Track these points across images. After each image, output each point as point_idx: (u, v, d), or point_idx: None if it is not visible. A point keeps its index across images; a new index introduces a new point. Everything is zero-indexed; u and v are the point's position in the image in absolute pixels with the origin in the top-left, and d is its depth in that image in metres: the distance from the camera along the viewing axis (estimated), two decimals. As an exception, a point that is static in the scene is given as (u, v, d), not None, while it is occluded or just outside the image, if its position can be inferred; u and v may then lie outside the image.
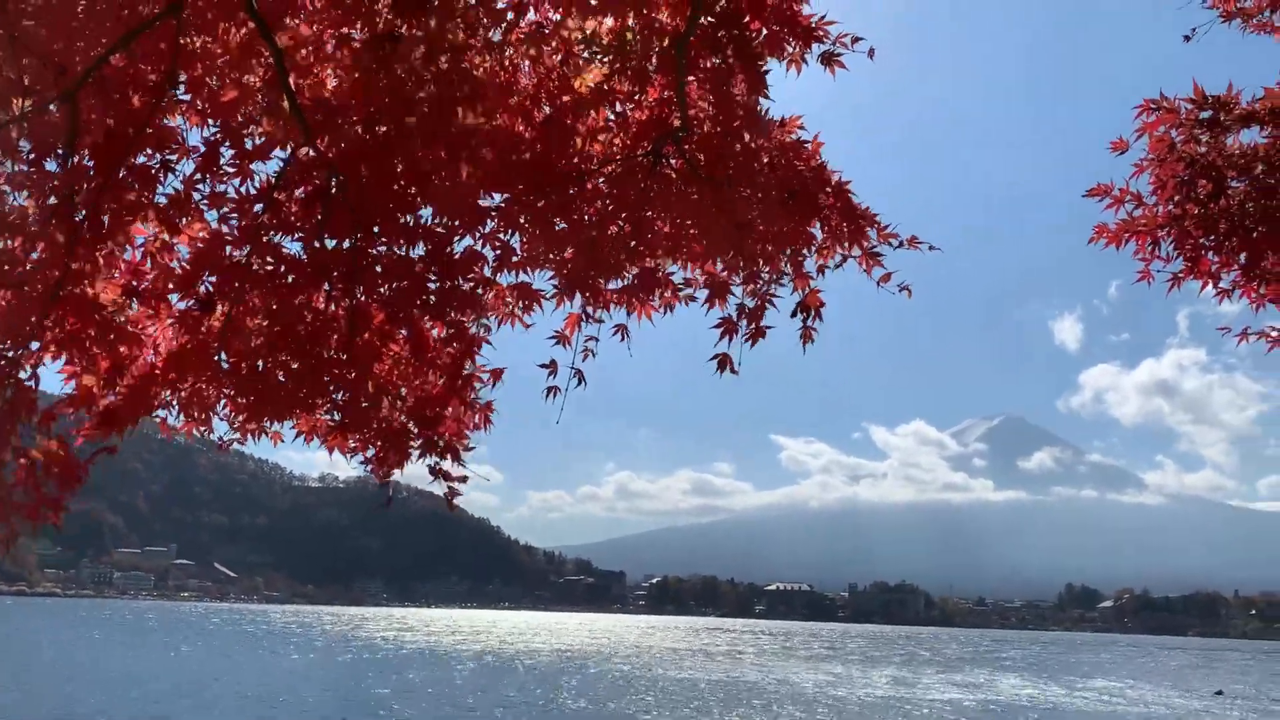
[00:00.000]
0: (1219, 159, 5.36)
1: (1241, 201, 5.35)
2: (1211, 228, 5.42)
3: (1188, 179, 5.39)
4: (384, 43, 3.84)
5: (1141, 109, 5.44)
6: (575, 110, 4.26)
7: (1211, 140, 5.38)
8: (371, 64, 3.85)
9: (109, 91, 3.72)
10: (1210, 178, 5.36)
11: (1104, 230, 5.64)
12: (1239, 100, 5.36)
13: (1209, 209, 5.39)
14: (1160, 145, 5.43)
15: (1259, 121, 5.32)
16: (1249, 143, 5.34)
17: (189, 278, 3.78)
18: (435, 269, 3.90)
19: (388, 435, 4.02)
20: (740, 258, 4.29)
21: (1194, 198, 5.41)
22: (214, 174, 3.80)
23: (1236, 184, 5.37)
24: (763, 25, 4.45)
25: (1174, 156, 5.41)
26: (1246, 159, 5.32)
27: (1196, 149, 5.36)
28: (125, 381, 3.79)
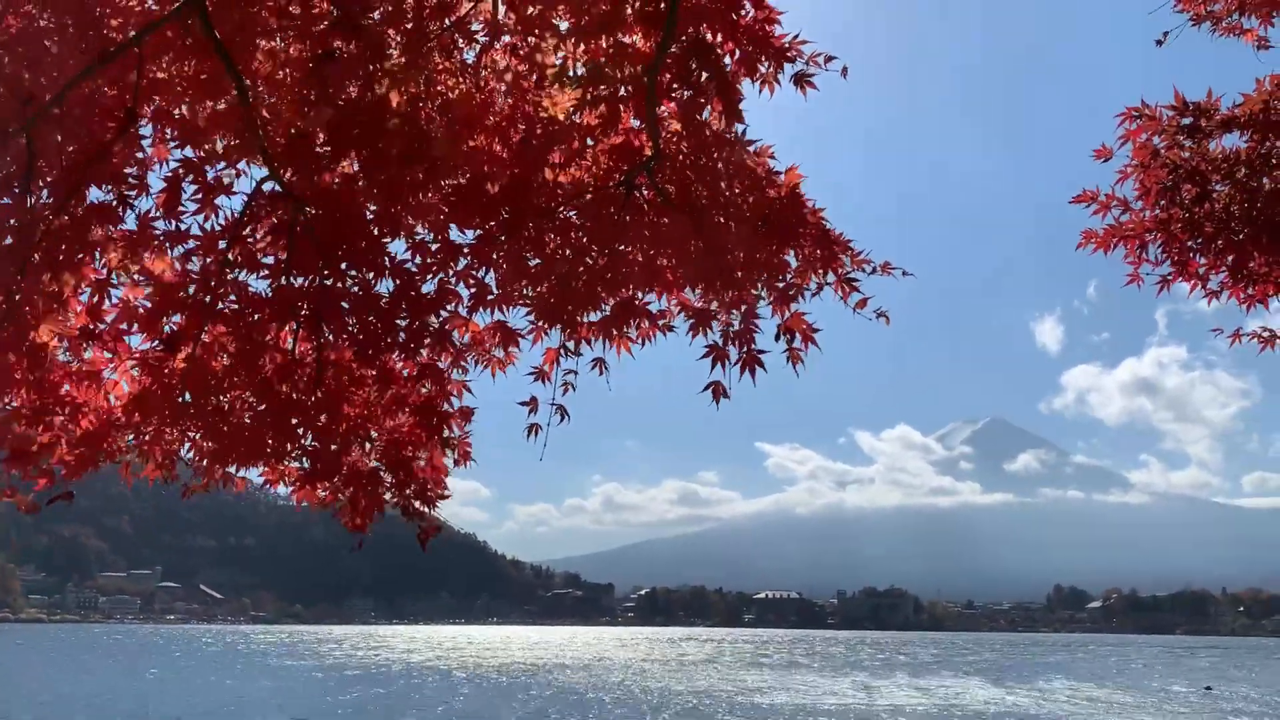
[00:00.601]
0: (1202, 163, 5.39)
1: (1226, 204, 5.38)
2: (1198, 231, 5.44)
3: (1172, 184, 5.41)
4: (321, 62, 3.74)
5: (1124, 117, 5.46)
6: (548, 141, 4.19)
7: (1194, 145, 5.40)
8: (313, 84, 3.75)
9: (69, 123, 3.63)
10: (1194, 182, 5.39)
11: (1091, 235, 5.66)
12: (1219, 106, 5.38)
13: (1194, 213, 5.42)
14: (1143, 152, 5.46)
15: (1239, 126, 5.34)
16: (1231, 147, 5.37)
17: (152, 317, 3.69)
18: (405, 306, 3.82)
19: (358, 481, 3.91)
20: (715, 286, 4.24)
21: (1179, 202, 5.43)
22: (175, 211, 3.71)
23: (1220, 188, 5.39)
24: (736, 47, 4.41)
25: (1157, 163, 5.44)
26: (1229, 163, 5.35)
27: (1180, 155, 5.39)
28: (80, 427, 3.68)
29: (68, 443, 3.69)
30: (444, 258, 4.12)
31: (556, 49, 4.30)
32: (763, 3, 4.44)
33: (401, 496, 3.96)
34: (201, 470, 3.93)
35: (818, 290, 4.41)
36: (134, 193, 3.76)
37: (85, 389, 3.72)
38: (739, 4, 4.44)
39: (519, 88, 4.48)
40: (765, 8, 4.45)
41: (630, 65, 4.24)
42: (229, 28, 3.64)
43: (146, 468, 3.92)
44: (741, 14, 4.45)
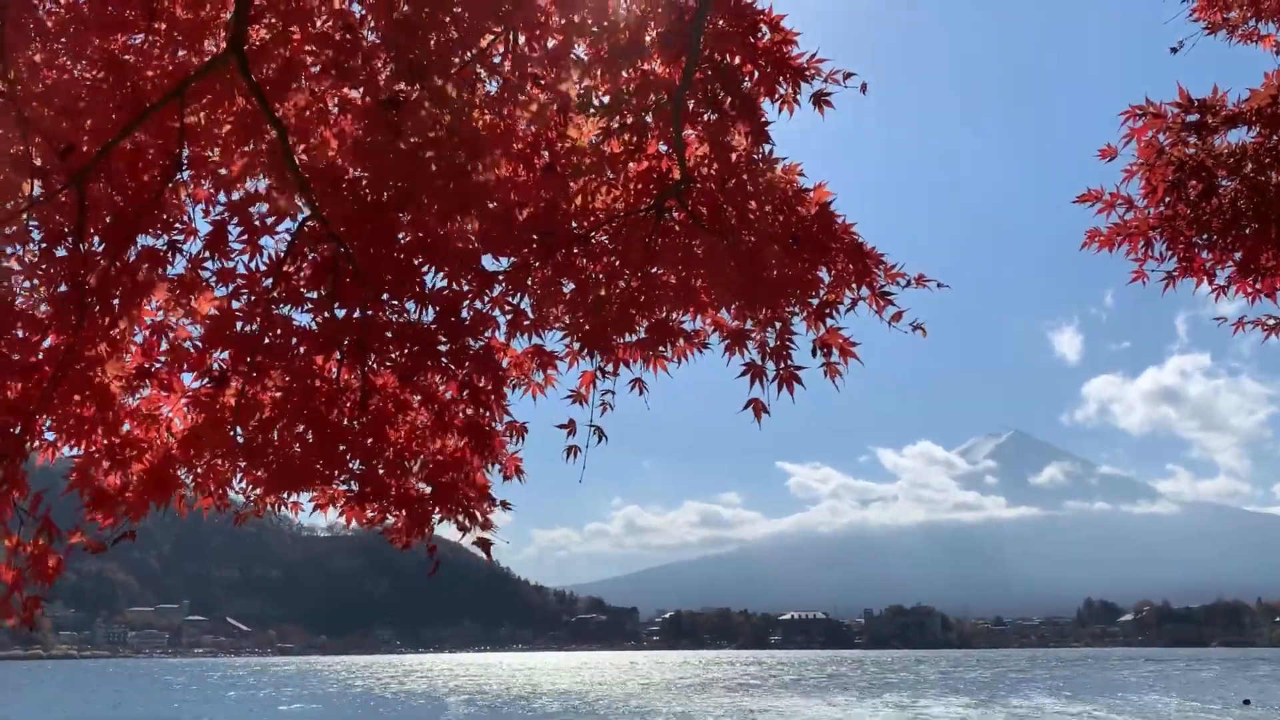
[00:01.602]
0: (1208, 159, 5.39)
1: (1233, 199, 5.37)
2: (1204, 227, 5.44)
3: (1178, 181, 5.42)
4: (389, 107, 3.88)
5: (1128, 114, 5.47)
6: (574, 168, 4.29)
7: (1199, 142, 5.41)
8: (379, 129, 3.89)
9: (116, 174, 3.77)
10: (1200, 178, 5.38)
11: (1096, 235, 5.66)
12: (1225, 102, 5.39)
13: (1201, 209, 5.41)
14: (1149, 150, 5.46)
15: (1245, 122, 5.35)
16: (1237, 142, 5.38)
17: (202, 356, 3.81)
18: (444, 332, 3.92)
19: (406, 503, 4.01)
20: (749, 305, 4.30)
21: (1185, 199, 5.43)
22: (222, 251, 3.83)
23: (1227, 183, 5.39)
24: (755, 69, 4.50)
25: (1163, 160, 5.44)
26: (1236, 158, 5.35)
27: (1185, 151, 5.39)
28: (139, 466, 3.80)
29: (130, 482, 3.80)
30: (479, 285, 4.21)
31: (580, 79, 4.40)
32: (779, 25, 4.54)
33: (450, 513, 4.04)
34: (254, 498, 4.03)
35: (852, 305, 4.45)
36: (182, 237, 3.89)
37: (146, 428, 3.84)
38: (756, 27, 4.54)
39: (543, 115, 4.59)
40: (782, 30, 4.54)
41: (653, 92, 4.34)
42: (265, 72, 3.77)
43: (200, 499, 4.03)
44: (759, 37, 4.55)
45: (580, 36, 4.46)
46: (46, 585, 3.75)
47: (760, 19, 4.51)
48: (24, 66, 4.06)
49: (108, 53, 4.20)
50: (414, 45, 3.80)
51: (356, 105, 3.99)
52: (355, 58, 3.85)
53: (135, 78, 4.15)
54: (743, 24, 4.48)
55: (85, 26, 4.21)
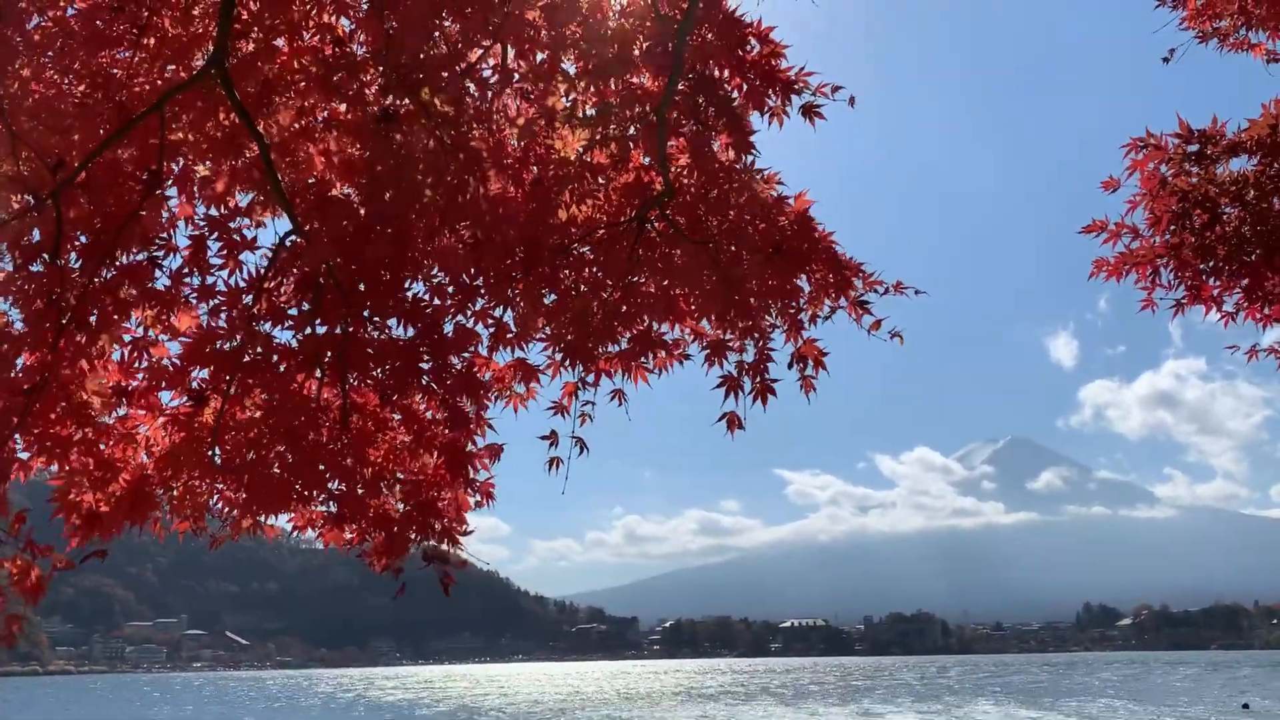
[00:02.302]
0: (1211, 188, 5.42)
1: (1237, 227, 5.40)
2: (1210, 254, 5.47)
3: (1182, 210, 5.45)
4: (381, 121, 3.86)
5: (1130, 147, 5.51)
6: (560, 182, 4.27)
7: (1201, 171, 5.44)
8: (370, 143, 3.87)
9: (96, 189, 3.73)
10: (1204, 207, 5.41)
11: (1103, 264, 5.70)
12: (1224, 132, 5.42)
13: (1205, 237, 5.44)
14: (1151, 181, 5.50)
15: (1246, 151, 5.38)
16: (1239, 170, 5.40)
17: (180, 373, 3.77)
18: (426, 348, 3.89)
19: (384, 523, 3.98)
20: (730, 315, 4.29)
21: (1190, 227, 5.46)
22: (202, 267, 3.80)
23: (1230, 211, 5.41)
24: (743, 81, 4.49)
25: (1166, 190, 5.47)
26: (1238, 186, 5.38)
27: (1187, 181, 5.42)
28: (116, 486, 3.75)
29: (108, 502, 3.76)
30: (462, 299, 4.19)
31: (567, 92, 4.38)
32: (768, 37, 4.53)
33: (425, 534, 4.01)
34: (230, 520, 3.99)
35: (831, 314, 4.46)
36: (162, 253, 3.86)
37: (123, 447, 3.80)
38: (745, 40, 4.53)
39: (531, 130, 4.57)
40: (771, 42, 4.53)
41: (639, 105, 4.32)
42: (248, 88, 3.75)
43: (176, 521, 3.99)
44: (747, 50, 4.54)
45: (569, 50, 4.45)
46: (32, 605, 3.70)
47: (749, 32, 4.50)
48: (13, 81, 4.03)
49: (96, 68, 4.18)
50: (405, 58, 3.78)
51: (344, 120, 3.96)
52: (343, 71, 3.82)
53: (123, 93, 4.13)
54: (731, 37, 4.47)
55: (74, 42, 4.19)
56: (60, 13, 4.28)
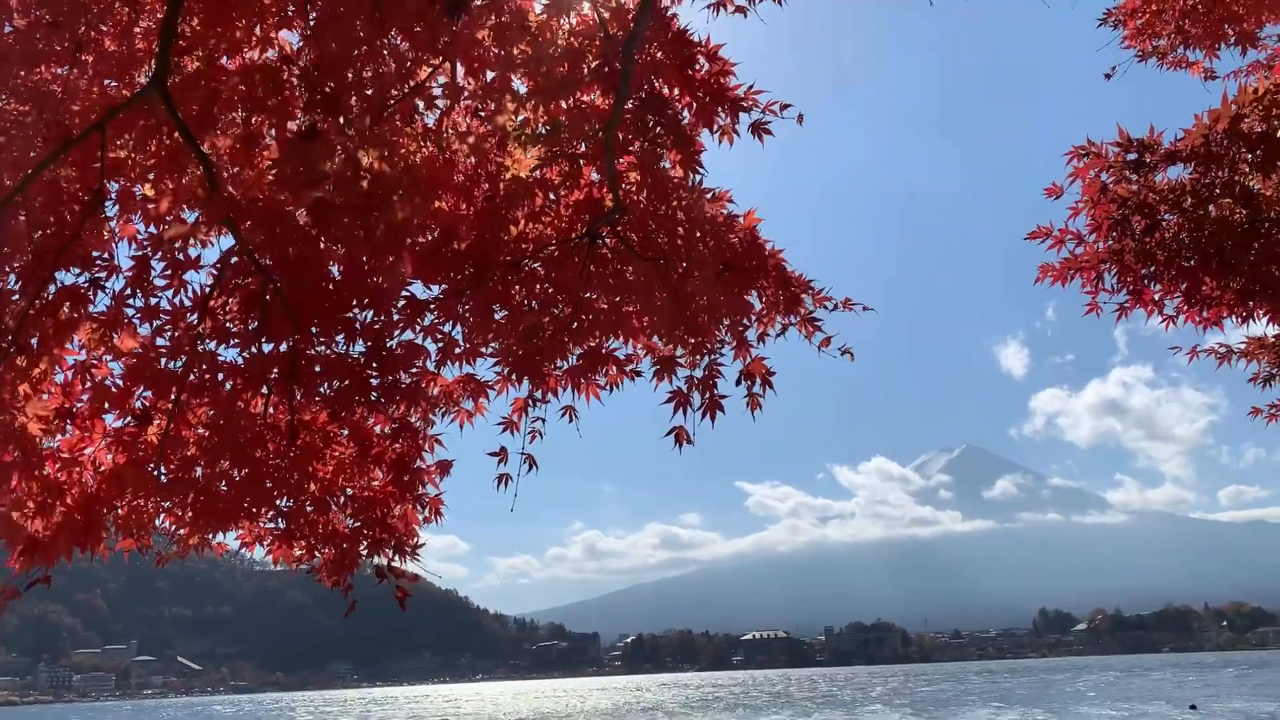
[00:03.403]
0: (1150, 195, 5.56)
1: (1176, 233, 5.54)
2: (1150, 260, 5.61)
3: (1122, 217, 5.58)
4: (300, 139, 3.83)
5: (1071, 155, 5.63)
6: (511, 199, 4.28)
7: (1140, 179, 5.58)
8: (294, 160, 3.84)
9: (35, 210, 3.67)
10: (1143, 214, 5.55)
11: (1049, 269, 5.84)
12: (1161, 141, 5.56)
13: (1145, 243, 5.58)
14: (1092, 188, 5.63)
15: (1182, 159, 5.52)
16: (1176, 178, 5.55)
17: (124, 394, 3.71)
18: (375, 365, 3.87)
19: (333, 539, 3.95)
20: (680, 331, 4.32)
21: (1130, 233, 5.60)
22: (145, 288, 3.75)
23: (1169, 217, 5.55)
24: (692, 100, 4.53)
25: (1107, 197, 5.61)
26: (1176, 194, 5.52)
27: (1127, 188, 5.56)
28: (61, 509, 3.68)
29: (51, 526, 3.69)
30: (410, 314, 4.18)
31: (517, 111, 4.39)
32: (716, 55, 4.58)
33: (375, 553, 3.99)
34: (177, 539, 3.94)
35: (782, 331, 4.51)
36: (104, 274, 3.80)
37: (68, 470, 3.73)
38: (693, 59, 4.57)
39: (481, 148, 4.58)
40: (719, 60, 4.59)
41: (589, 123, 4.34)
42: (191, 107, 3.71)
43: (121, 540, 3.93)
44: (696, 68, 4.58)
45: (518, 69, 4.46)
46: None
47: (698, 50, 4.54)
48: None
49: (31, 85, 4.11)
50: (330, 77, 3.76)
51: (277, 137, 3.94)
52: (274, 89, 3.80)
53: (60, 111, 4.07)
54: (680, 55, 4.51)
55: (9, 58, 4.13)
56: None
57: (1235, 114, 5.30)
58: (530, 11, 4.58)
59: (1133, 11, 7.53)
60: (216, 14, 3.97)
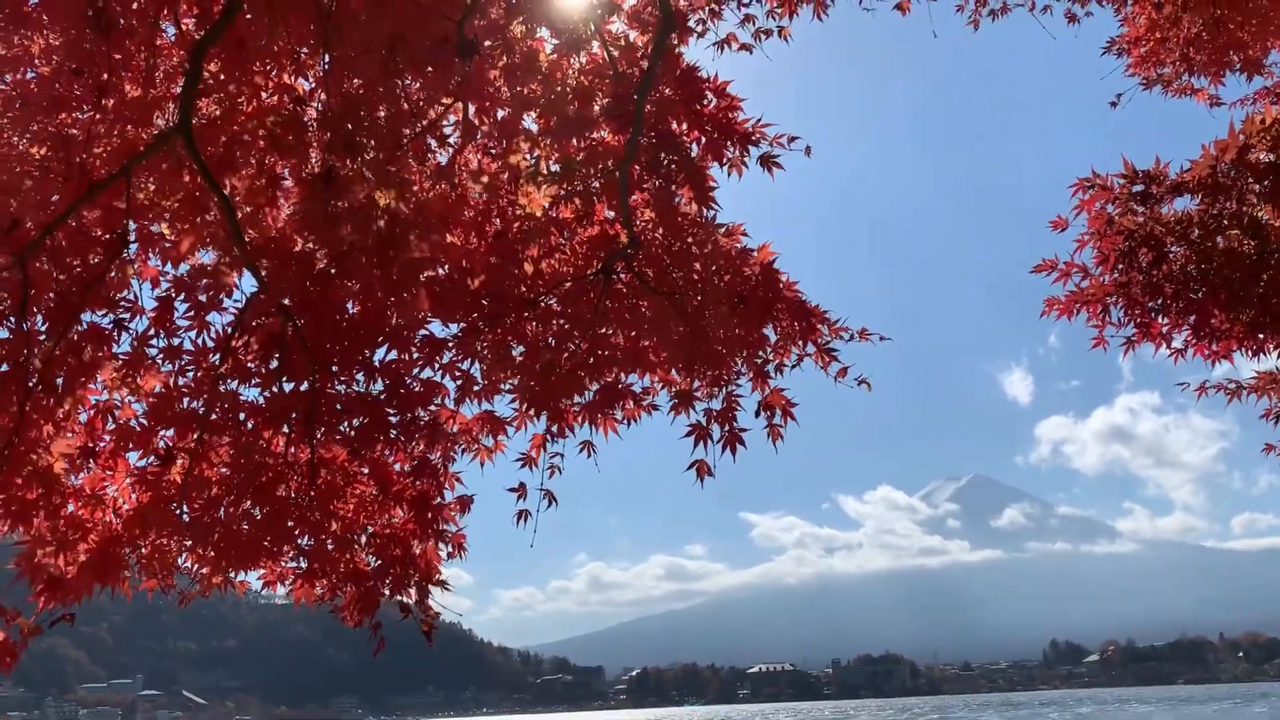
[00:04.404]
0: (1156, 228, 5.57)
1: (1183, 265, 5.54)
2: (1157, 292, 5.60)
3: (1128, 250, 5.59)
4: (319, 181, 3.90)
5: (1076, 187, 5.66)
6: (526, 236, 4.34)
7: (1146, 211, 5.59)
8: (314, 202, 3.91)
9: (60, 252, 3.74)
10: (1150, 246, 5.56)
11: (1054, 302, 5.82)
12: (1167, 172, 5.59)
13: (1153, 275, 5.58)
14: (1099, 220, 5.64)
15: (1189, 191, 5.54)
16: (1183, 209, 5.56)
17: (147, 434, 3.76)
18: (394, 403, 3.91)
19: (355, 578, 3.97)
20: (697, 366, 4.35)
21: (1137, 266, 5.60)
22: (168, 328, 3.81)
23: (1176, 249, 5.56)
24: (701, 134, 4.60)
25: (1113, 229, 5.62)
26: (1183, 225, 5.53)
27: (1134, 220, 5.57)
28: (83, 547, 3.72)
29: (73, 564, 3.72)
30: (429, 353, 4.22)
31: (531, 149, 4.46)
32: (724, 91, 4.65)
33: (398, 590, 4.01)
34: (199, 577, 3.97)
35: (798, 362, 4.52)
36: (128, 315, 3.86)
37: (91, 509, 3.77)
38: (702, 94, 4.65)
39: (494, 186, 4.64)
40: (727, 96, 4.66)
41: (602, 161, 4.41)
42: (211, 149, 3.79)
43: (144, 580, 3.96)
44: (704, 104, 4.65)
45: (529, 108, 4.54)
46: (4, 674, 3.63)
47: (706, 86, 4.62)
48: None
49: (54, 130, 4.19)
50: (349, 119, 3.83)
51: (297, 179, 4.01)
52: (293, 132, 3.87)
53: (82, 154, 4.14)
54: (689, 91, 4.58)
55: (32, 105, 4.21)
56: (21, 75, 4.30)
57: (1243, 144, 5.32)
58: (541, 51, 4.67)
59: (1136, 40, 7.61)
60: (234, 60, 4.06)
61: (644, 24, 4.65)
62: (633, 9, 4.65)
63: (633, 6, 4.66)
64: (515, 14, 4.51)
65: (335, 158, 3.86)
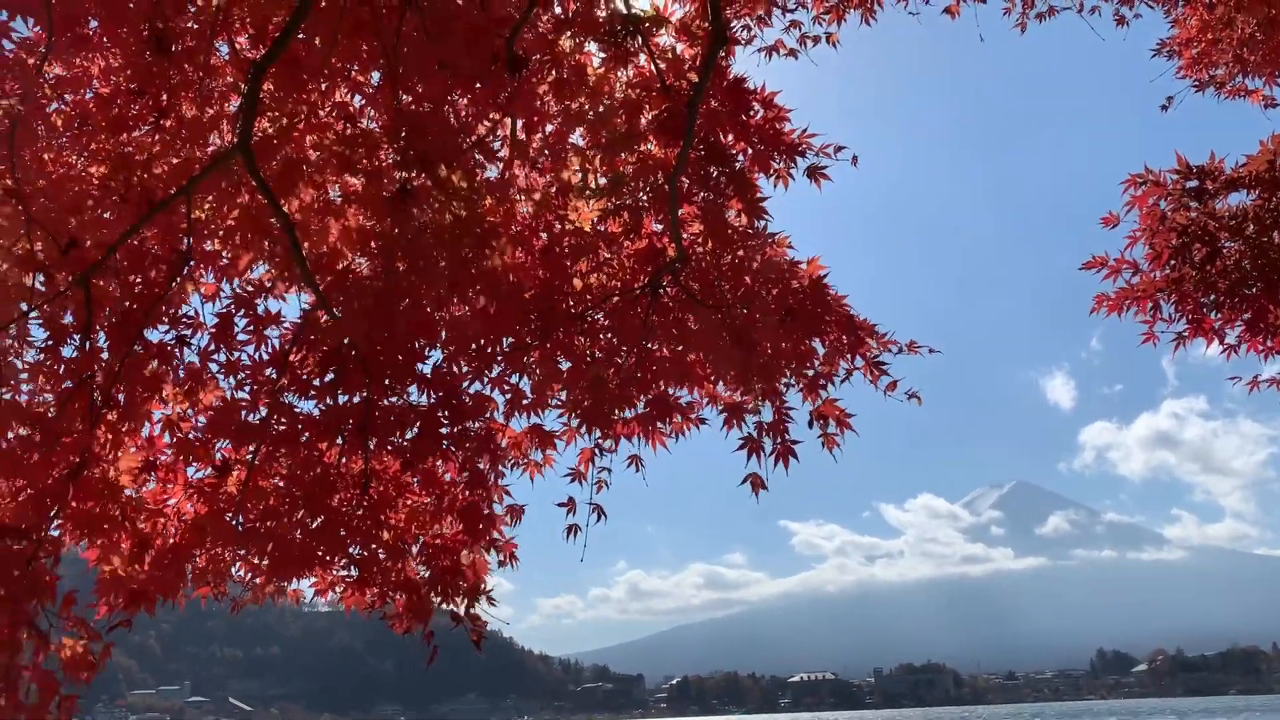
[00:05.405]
0: (1210, 223, 5.49)
1: (1237, 261, 5.46)
2: (1211, 288, 5.52)
3: (1182, 245, 5.51)
4: (398, 197, 3.96)
5: (1129, 183, 5.59)
6: (575, 252, 4.36)
7: (1200, 206, 5.52)
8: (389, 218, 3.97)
9: (121, 270, 3.83)
10: (1204, 241, 5.48)
11: (1104, 299, 5.75)
12: (1222, 168, 5.51)
13: (1206, 271, 5.50)
14: (1151, 216, 5.57)
15: (1244, 186, 5.46)
16: (1238, 204, 5.48)
17: (206, 446, 3.84)
18: (446, 414, 3.95)
19: (406, 587, 4.02)
20: (746, 379, 4.33)
21: (1190, 262, 5.53)
22: (229, 344, 3.88)
23: (1230, 245, 5.48)
24: (747, 145, 4.59)
25: (1166, 226, 5.55)
26: (1238, 221, 5.45)
27: (1187, 216, 5.50)
28: (150, 558, 3.80)
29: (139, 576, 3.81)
30: (478, 366, 4.26)
31: (582, 167, 4.48)
32: (771, 102, 4.64)
33: (448, 600, 4.04)
34: (253, 586, 4.04)
35: (847, 376, 4.49)
36: (189, 331, 3.95)
37: (153, 521, 3.86)
38: (749, 105, 4.64)
39: (542, 201, 4.67)
40: (774, 107, 4.65)
41: (651, 175, 4.42)
42: (270, 167, 3.86)
43: (198, 589, 4.03)
44: (751, 115, 4.65)
45: (577, 123, 4.56)
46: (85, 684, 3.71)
47: (752, 97, 4.61)
48: (32, 164, 4.14)
49: (113, 149, 4.29)
50: (419, 135, 3.89)
51: (360, 194, 4.07)
52: (359, 149, 3.94)
53: (141, 173, 4.23)
54: (736, 103, 4.58)
55: (92, 125, 4.31)
56: (80, 96, 4.40)
57: (1302, 139, 5.25)
58: (588, 65, 4.69)
59: (1188, 41, 7.51)
60: (289, 79, 4.13)
61: (691, 36, 4.65)
62: (680, 21, 4.66)
63: (680, 19, 4.66)
64: (564, 28, 4.54)
65: (408, 173, 3.92)
